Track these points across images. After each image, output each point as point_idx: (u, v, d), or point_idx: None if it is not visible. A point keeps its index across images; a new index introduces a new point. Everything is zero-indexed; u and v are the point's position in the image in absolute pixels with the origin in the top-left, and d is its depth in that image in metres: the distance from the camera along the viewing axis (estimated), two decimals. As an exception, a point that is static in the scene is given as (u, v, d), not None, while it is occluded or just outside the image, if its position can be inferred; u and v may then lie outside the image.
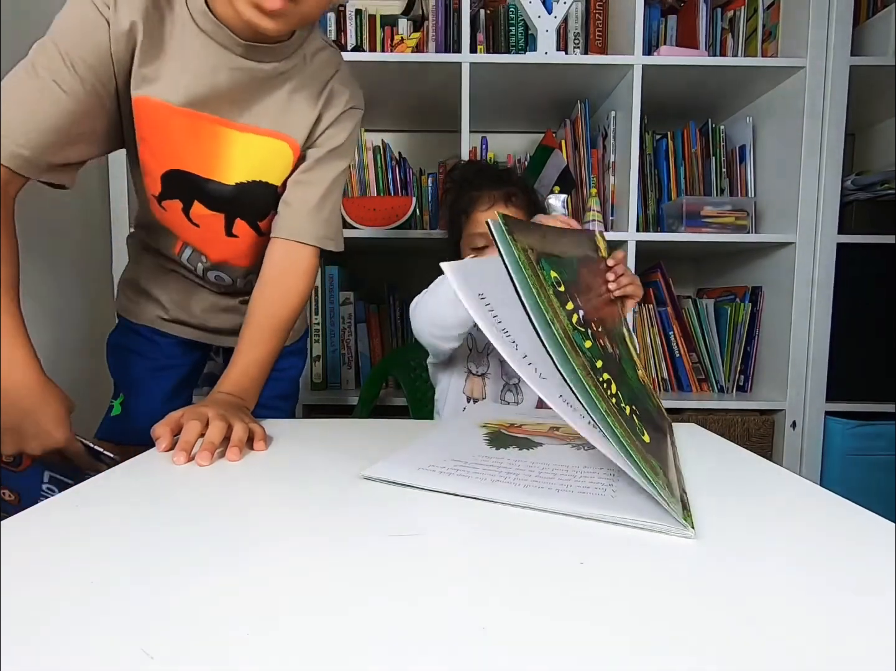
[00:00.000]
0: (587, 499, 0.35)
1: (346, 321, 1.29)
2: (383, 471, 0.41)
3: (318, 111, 0.69)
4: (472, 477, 0.40)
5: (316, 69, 0.69)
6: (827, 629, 0.23)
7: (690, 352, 1.31)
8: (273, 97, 0.66)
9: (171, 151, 0.66)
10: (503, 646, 0.22)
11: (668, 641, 0.22)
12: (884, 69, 1.15)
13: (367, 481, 0.41)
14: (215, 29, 0.60)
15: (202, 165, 0.67)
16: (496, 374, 0.84)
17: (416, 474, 0.40)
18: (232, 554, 0.30)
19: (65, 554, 0.30)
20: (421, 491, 0.38)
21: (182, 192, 0.69)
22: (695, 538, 0.31)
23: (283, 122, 0.67)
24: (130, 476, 0.45)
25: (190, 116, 0.63)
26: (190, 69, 0.60)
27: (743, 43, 1.32)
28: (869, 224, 1.20)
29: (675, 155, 1.34)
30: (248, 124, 0.66)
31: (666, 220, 1.32)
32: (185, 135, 0.64)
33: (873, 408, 1.21)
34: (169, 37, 0.60)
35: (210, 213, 0.71)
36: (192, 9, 0.60)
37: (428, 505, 0.37)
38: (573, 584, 0.27)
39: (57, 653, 0.21)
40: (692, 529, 0.31)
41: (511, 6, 1.32)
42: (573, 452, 0.47)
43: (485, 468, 0.42)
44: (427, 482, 0.39)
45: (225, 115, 0.65)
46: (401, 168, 1.34)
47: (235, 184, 0.69)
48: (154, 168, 0.67)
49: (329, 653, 0.21)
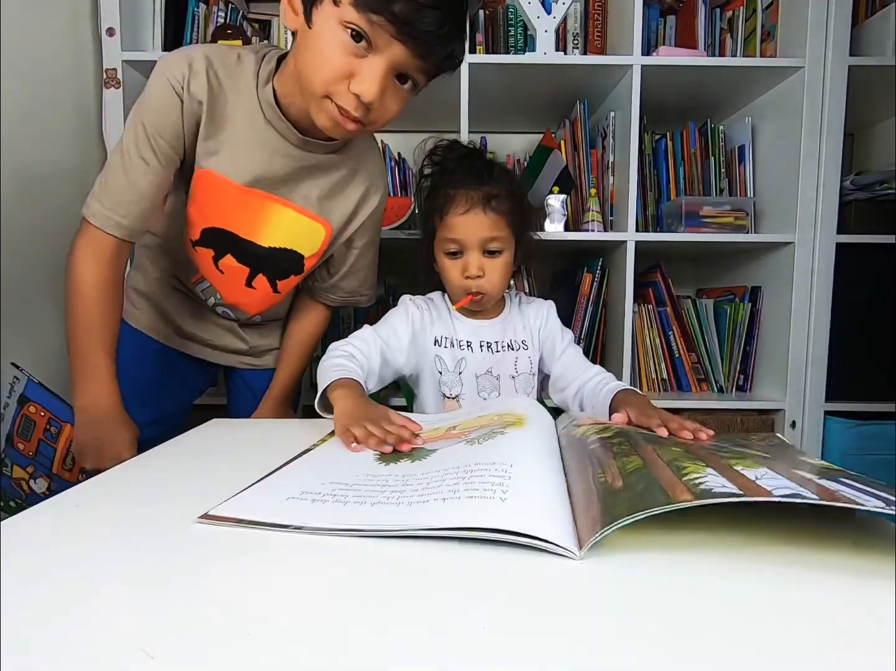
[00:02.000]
0: (474, 508, 0.33)
1: (346, 321, 1.29)
2: (231, 508, 0.36)
3: (355, 205, 0.80)
4: (350, 502, 0.36)
5: (359, 159, 0.78)
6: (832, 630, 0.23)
7: (690, 352, 1.31)
8: (319, 182, 0.75)
9: (218, 214, 0.74)
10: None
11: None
12: (883, 69, 1.15)
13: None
14: (280, 122, 0.69)
15: (244, 228, 0.76)
16: (472, 394, 0.79)
17: (274, 509, 0.36)
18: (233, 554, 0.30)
19: (65, 554, 0.30)
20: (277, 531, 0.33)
21: (218, 245, 0.77)
22: (580, 560, 0.29)
23: (325, 208, 0.77)
24: (129, 476, 0.45)
25: (245, 192, 0.72)
26: (252, 153, 0.70)
27: (742, 43, 1.32)
28: (868, 224, 1.20)
29: (675, 155, 1.34)
30: (293, 203, 0.75)
31: (665, 220, 1.32)
32: (236, 205, 0.73)
33: (873, 408, 1.21)
34: (233, 116, 0.69)
35: (237, 265, 0.79)
36: (262, 100, 0.69)
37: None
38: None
39: (57, 653, 0.21)
40: (577, 552, 0.29)
41: (510, 6, 1.32)
42: (467, 449, 0.45)
43: (367, 489, 0.38)
44: (288, 517, 0.34)
45: (275, 192, 0.73)
46: (400, 168, 1.34)
47: (269, 247, 0.77)
48: (198, 221, 0.75)
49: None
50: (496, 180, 0.76)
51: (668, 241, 1.22)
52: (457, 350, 0.80)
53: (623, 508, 0.31)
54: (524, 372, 0.82)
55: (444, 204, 0.75)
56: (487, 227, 0.74)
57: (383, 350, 0.75)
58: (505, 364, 0.81)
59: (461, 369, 0.79)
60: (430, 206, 0.79)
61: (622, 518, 0.30)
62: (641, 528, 0.31)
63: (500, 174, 0.77)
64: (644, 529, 0.31)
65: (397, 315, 0.80)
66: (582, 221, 1.25)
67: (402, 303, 0.82)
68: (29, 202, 1.01)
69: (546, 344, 0.84)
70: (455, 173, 0.77)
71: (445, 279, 0.79)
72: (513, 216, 0.77)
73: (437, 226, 0.77)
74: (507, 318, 0.84)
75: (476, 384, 0.79)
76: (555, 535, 0.30)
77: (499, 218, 0.75)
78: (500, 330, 0.82)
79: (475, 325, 0.82)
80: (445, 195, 0.76)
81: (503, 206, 0.75)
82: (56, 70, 1.10)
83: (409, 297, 0.83)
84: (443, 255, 0.78)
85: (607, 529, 0.30)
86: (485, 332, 0.81)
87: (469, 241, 0.75)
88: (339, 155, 0.76)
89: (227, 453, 0.54)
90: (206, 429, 0.63)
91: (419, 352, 0.80)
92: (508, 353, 0.81)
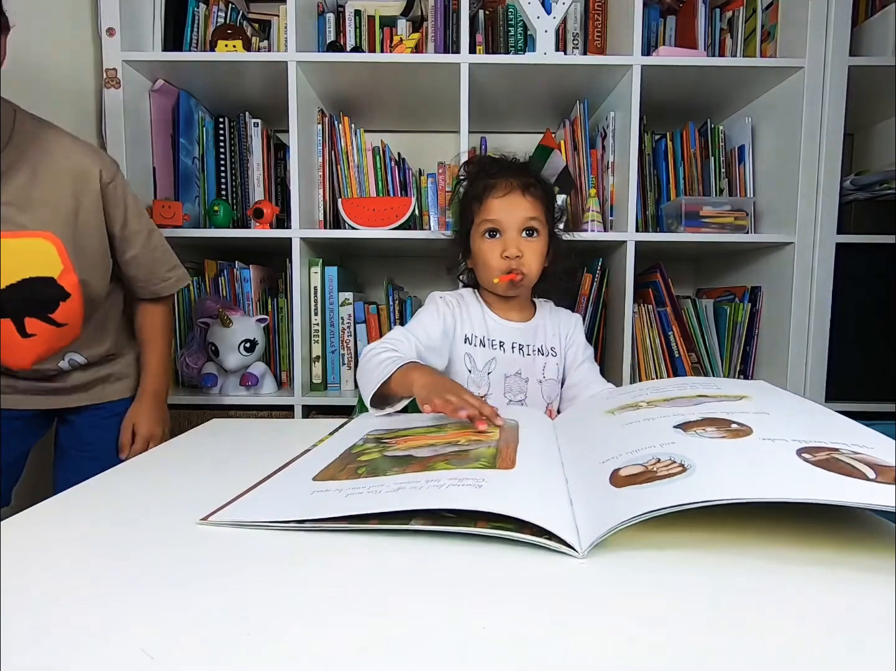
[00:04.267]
0: (477, 493, 0.34)
1: (346, 322, 1.29)
2: (232, 513, 0.36)
3: (72, 195, 0.75)
4: (352, 494, 0.37)
5: (26, 150, 0.71)
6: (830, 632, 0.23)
7: (690, 353, 1.31)
8: (6, 195, 0.69)
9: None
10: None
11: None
12: (882, 69, 1.15)
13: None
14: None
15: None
16: (498, 393, 0.80)
17: (275, 510, 0.36)
18: (233, 555, 0.30)
19: (65, 554, 0.30)
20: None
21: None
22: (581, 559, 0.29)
23: (33, 217, 0.71)
24: (129, 476, 0.45)
25: None
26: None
27: (742, 43, 1.32)
28: (868, 224, 1.20)
29: (674, 155, 1.34)
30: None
31: (665, 221, 1.32)
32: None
33: (873, 408, 1.21)
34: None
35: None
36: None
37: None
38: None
39: (57, 652, 0.21)
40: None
41: (510, 7, 1.32)
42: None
43: (367, 485, 0.39)
44: (289, 514, 0.35)
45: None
46: (400, 168, 1.34)
47: (6, 286, 0.71)
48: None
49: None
50: (531, 174, 0.81)
51: (667, 241, 1.21)
52: (489, 349, 0.81)
53: (626, 505, 0.31)
54: (551, 378, 0.83)
55: (485, 190, 0.79)
56: (526, 208, 0.78)
57: (418, 348, 0.76)
58: (534, 368, 0.82)
59: (491, 369, 0.80)
60: (469, 195, 0.82)
61: (626, 519, 0.30)
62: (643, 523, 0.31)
63: (534, 172, 0.83)
64: (645, 523, 0.31)
65: (427, 313, 0.82)
66: (582, 221, 1.25)
67: (432, 300, 0.84)
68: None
69: (568, 353, 0.86)
70: (492, 166, 0.82)
71: (483, 262, 0.81)
72: (546, 206, 0.81)
73: (476, 212, 0.80)
74: (539, 323, 0.85)
75: (504, 385, 0.80)
76: (559, 529, 0.30)
77: (536, 202, 0.79)
78: (532, 334, 0.84)
79: (509, 326, 0.83)
80: (485, 184, 0.80)
81: (539, 193, 0.80)
82: (56, 70, 1.10)
83: (439, 295, 0.85)
84: (481, 240, 0.80)
85: (611, 530, 0.30)
86: (517, 334, 0.83)
87: (508, 222, 0.78)
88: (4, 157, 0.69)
89: (227, 453, 0.54)
90: (207, 429, 0.63)
91: (450, 350, 0.81)
92: (538, 358, 0.83)
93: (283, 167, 1.39)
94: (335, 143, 1.30)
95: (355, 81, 1.24)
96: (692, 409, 0.44)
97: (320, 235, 1.21)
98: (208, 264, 1.31)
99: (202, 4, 1.27)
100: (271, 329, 1.32)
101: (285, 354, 1.32)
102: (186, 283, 0.96)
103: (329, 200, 1.30)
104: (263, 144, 1.32)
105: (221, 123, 1.30)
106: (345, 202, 1.24)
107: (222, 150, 1.31)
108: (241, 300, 1.31)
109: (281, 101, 1.16)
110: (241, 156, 1.32)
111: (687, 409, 0.45)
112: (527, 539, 0.30)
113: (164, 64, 1.17)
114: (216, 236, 1.21)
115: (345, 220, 1.23)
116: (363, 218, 1.22)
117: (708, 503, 0.30)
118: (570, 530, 0.31)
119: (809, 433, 0.37)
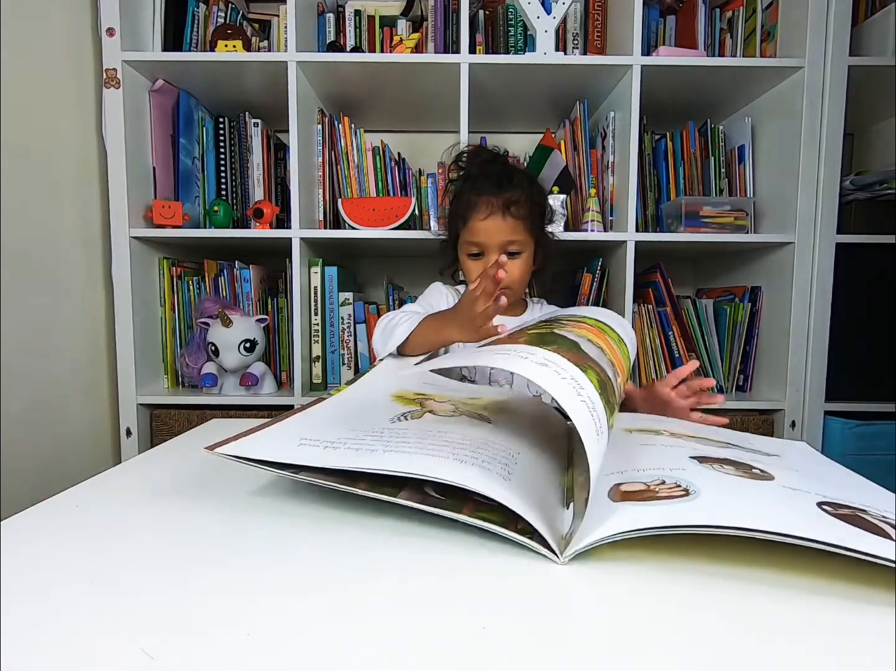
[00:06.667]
0: (475, 474, 0.33)
1: (346, 322, 1.29)
2: (239, 447, 0.37)
3: None
4: (364, 449, 0.36)
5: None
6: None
7: (690, 353, 1.31)
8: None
9: None
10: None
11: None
12: (882, 69, 1.15)
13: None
14: None
15: None
16: (483, 381, 0.85)
17: (281, 451, 0.36)
18: (233, 554, 0.30)
19: (65, 554, 0.30)
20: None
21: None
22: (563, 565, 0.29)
23: None
24: (129, 476, 0.45)
25: None
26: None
27: (741, 43, 1.32)
28: (868, 224, 1.20)
29: (674, 155, 1.34)
30: None
31: (665, 221, 1.32)
32: None
33: (873, 408, 1.21)
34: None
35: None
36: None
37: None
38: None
39: (57, 653, 0.21)
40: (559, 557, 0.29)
41: (510, 7, 1.32)
42: (482, 425, 0.45)
43: (383, 437, 0.38)
44: (293, 458, 0.35)
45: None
46: (400, 168, 1.34)
47: None
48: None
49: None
50: (516, 186, 0.82)
51: (667, 241, 1.21)
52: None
53: (617, 520, 0.30)
54: None
55: (468, 209, 0.82)
56: (506, 231, 0.81)
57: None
58: None
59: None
60: (455, 210, 0.86)
61: (613, 533, 0.29)
62: (641, 539, 0.30)
63: (520, 180, 0.83)
64: (643, 540, 0.31)
65: (434, 294, 0.90)
66: (582, 221, 1.25)
67: (436, 287, 0.93)
68: (29, 201, 1.01)
69: None
70: (478, 179, 0.84)
71: (468, 279, 0.88)
72: (531, 220, 0.83)
73: (461, 230, 0.85)
74: (528, 319, 0.88)
75: (489, 373, 0.85)
76: (544, 530, 0.30)
77: (517, 222, 0.81)
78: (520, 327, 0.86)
79: (498, 320, 0.85)
80: (469, 202, 0.82)
81: (522, 210, 0.81)
82: (56, 70, 1.10)
83: (442, 283, 0.94)
84: (466, 257, 0.85)
85: (595, 543, 0.29)
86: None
87: (489, 244, 0.82)
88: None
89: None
90: (206, 429, 0.63)
91: None
92: None
93: (283, 167, 1.39)
94: (335, 143, 1.30)
95: (355, 81, 1.24)
96: (716, 450, 0.42)
97: (320, 235, 1.21)
98: (208, 264, 1.31)
99: (202, 4, 1.27)
100: (271, 329, 1.32)
101: (285, 354, 1.32)
102: None
103: (329, 200, 1.30)
104: (263, 144, 1.32)
105: (221, 123, 1.30)
106: (345, 202, 1.24)
107: (222, 150, 1.31)
108: (241, 300, 1.31)
109: (281, 101, 1.16)
110: (241, 156, 1.32)
111: (710, 448, 0.42)
112: (509, 536, 0.30)
113: (163, 64, 1.17)
114: (216, 236, 1.21)
115: (345, 220, 1.23)
116: (363, 218, 1.22)
117: (704, 529, 0.28)
118: (556, 534, 0.31)
119: (838, 491, 0.34)
